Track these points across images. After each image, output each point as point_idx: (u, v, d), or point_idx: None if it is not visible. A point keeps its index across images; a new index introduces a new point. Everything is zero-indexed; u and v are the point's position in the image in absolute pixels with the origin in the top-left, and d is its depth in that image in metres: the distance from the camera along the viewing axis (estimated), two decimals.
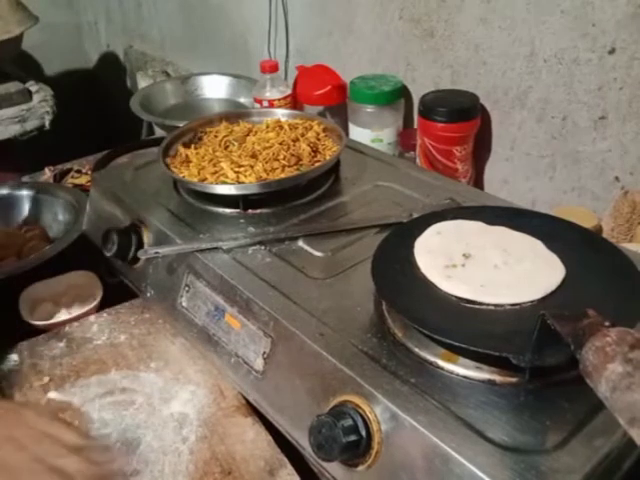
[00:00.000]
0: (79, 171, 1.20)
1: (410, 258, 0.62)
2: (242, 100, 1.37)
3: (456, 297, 0.57)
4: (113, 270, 0.85)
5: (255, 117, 0.97)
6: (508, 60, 0.91)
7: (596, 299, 0.52)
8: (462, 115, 0.94)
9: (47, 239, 0.97)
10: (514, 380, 0.51)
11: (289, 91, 1.17)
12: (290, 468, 0.61)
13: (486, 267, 0.60)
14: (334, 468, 0.54)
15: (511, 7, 0.88)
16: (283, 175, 0.80)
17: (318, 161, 0.84)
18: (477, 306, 0.56)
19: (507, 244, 0.63)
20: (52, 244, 0.90)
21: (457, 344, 0.51)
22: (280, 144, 0.85)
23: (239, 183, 0.79)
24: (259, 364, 0.62)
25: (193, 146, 0.89)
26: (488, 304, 0.56)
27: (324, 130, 0.91)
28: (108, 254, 0.78)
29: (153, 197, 0.84)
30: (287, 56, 1.32)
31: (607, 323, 0.41)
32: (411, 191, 0.81)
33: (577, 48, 0.82)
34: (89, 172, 1.16)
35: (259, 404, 0.64)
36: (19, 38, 1.60)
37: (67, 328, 0.79)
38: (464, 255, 0.62)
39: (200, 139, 0.92)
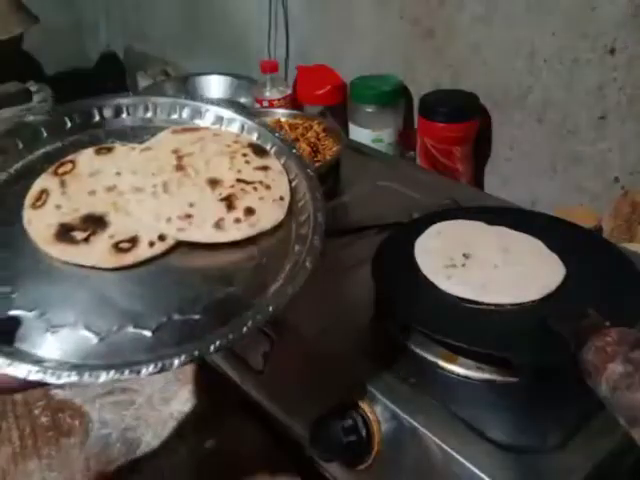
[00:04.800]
0: None
1: (410, 258, 0.62)
2: (242, 100, 1.37)
3: (456, 297, 0.57)
4: None
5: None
6: (508, 60, 0.91)
7: (596, 299, 0.52)
8: (462, 115, 0.94)
9: None
10: (514, 380, 0.51)
11: (289, 91, 1.17)
12: (290, 468, 0.61)
13: (486, 267, 0.60)
14: (334, 468, 0.54)
15: (511, 7, 0.88)
16: None
17: (318, 161, 0.84)
18: (477, 306, 0.56)
19: (507, 244, 0.63)
20: None
21: (457, 344, 0.51)
22: None
23: None
24: (259, 363, 0.62)
25: None
26: (488, 304, 0.56)
27: (324, 130, 0.90)
28: None
29: None
30: (287, 56, 1.32)
31: (607, 323, 0.41)
32: (411, 191, 0.81)
33: (577, 48, 0.82)
34: None
35: (259, 404, 0.64)
36: (19, 38, 1.59)
37: None
38: (464, 255, 0.62)
39: None
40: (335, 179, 0.85)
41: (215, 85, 1.42)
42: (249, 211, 0.51)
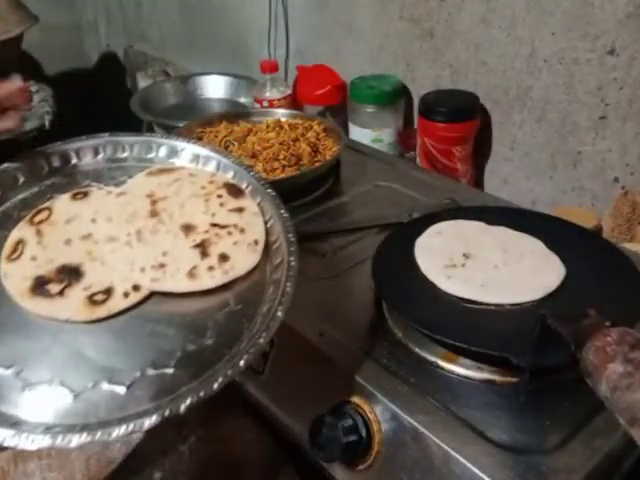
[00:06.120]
0: None
1: (410, 258, 0.62)
2: (242, 100, 1.37)
3: (456, 297, 0.57)
4: None
5: (255, 117, 0.97)
6: (508, 60, 0.91)
7: (596, 299, 0.52)
8: (462, 115, 0.94)
9: None
10: (514, 380, 0.51)
11: (289, 91, 1.17)
12: (290, 468, 0.61)
13: (486, 267, 0.60)
14: (334, 468, 0.54)
15: (511, 7, 0.88)
16: (283, 175, 0.80)
17: (318, 161, 0.84)
18: (477, 306, 0.56)
19: (507, 244, 0.63)
20: None
21: (457, 344, 0.51)
22: (280, 144, 0.85)
23: None
24: (259, 364, 0.62)
25: None
26: (488, 304, 0.56)
27: (324, 130, 0.91)
28: None
29: None
30: (287, 56, 1.32)
31: (607, 323, 0.41)
32: (411, 191, 0.81)
33: (577, 48, 0.82)
34: None
35: (259, 404, 0.64)
36: (19, 38, 1.59)
37: None
38: (464, 255, 0.62)
39: (200, 139, 0.92)
40: (335, 179, 0.86)
41: (215, 85, 1.42)
42: (223, 257, 0.50)
